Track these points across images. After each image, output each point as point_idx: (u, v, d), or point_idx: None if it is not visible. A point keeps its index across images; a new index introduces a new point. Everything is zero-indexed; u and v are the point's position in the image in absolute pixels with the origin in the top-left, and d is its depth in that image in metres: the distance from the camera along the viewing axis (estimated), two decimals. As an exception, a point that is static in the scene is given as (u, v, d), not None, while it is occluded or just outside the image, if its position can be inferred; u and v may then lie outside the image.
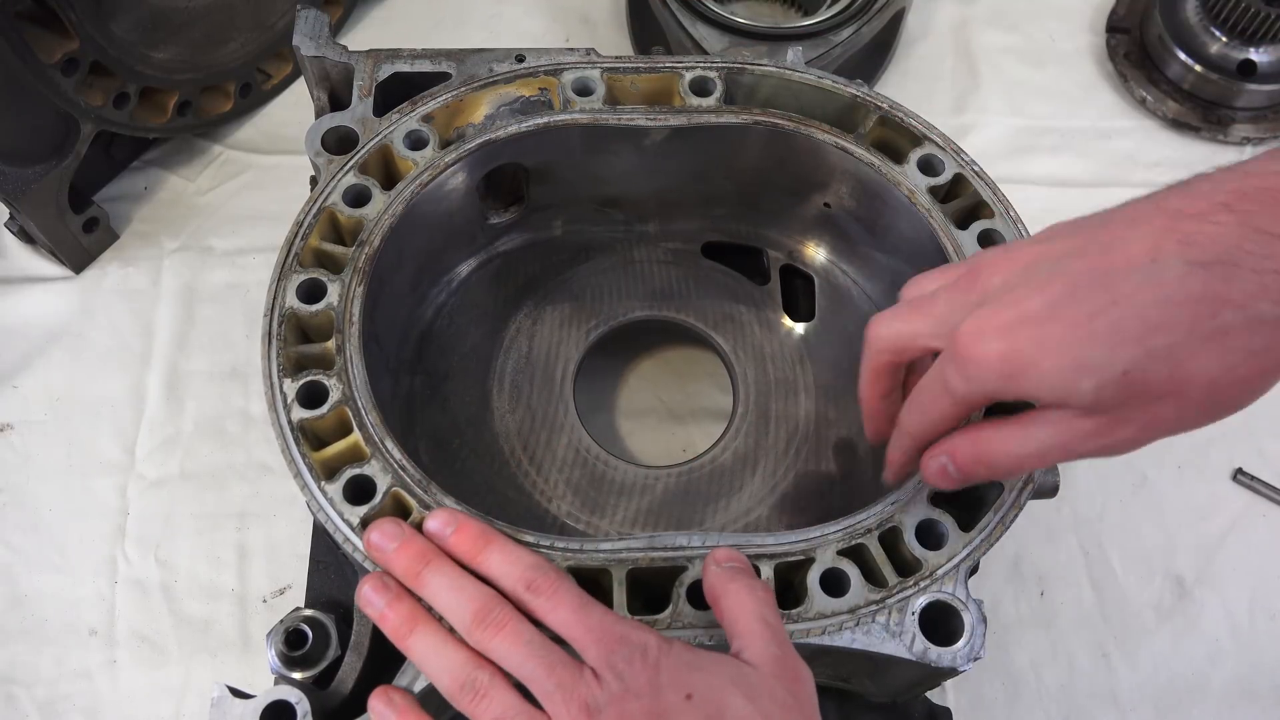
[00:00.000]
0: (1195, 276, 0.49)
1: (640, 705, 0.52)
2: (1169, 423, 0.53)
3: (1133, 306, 0.50)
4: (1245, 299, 0.49)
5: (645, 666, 0.54)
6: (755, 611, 0.58)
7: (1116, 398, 0.52)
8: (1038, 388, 0.54)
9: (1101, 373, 0.51)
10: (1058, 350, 0.52)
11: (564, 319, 0.89)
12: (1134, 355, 0.50)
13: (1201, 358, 0.50)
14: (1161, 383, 0.51)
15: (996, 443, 0.59)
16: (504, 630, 0.56)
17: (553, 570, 0.59)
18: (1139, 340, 0.50)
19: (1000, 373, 0.54)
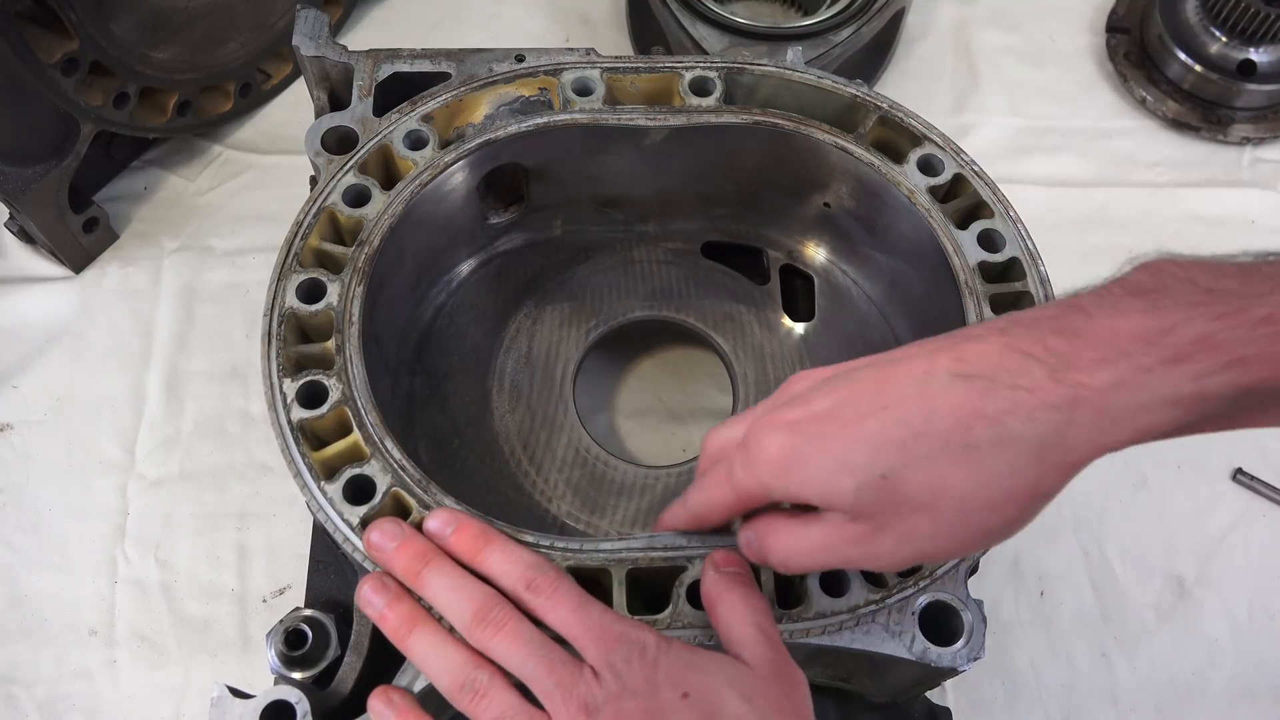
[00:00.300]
0: (957, 388, 0.50)
1: (637, 704, 0.53)
2: (925, 539, 0.52)
3: (900, 412, 0.51)
4: (997, 414, 0.49)
5: (643, 665, 0.54)
6: (751, 619, 0.58)
7: (876, 503, 0.52)
8: (804, 484, 0.54)
9: (862, 474, 0.51)
10: (827, 449, 0.52)
11: (564, 319, 0.89)
12: (894, 460, 0.51)
13: (954, 471, 0.50)
14: (917, 492, 0.51)
15: (777, 534, 0.58)
16: (504, 629, 0.56)
17: (553, 569, 0.59)
18: (901, 446, 0.51)
19: (776, 467, 0.54)
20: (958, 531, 0.52)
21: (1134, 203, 1.08)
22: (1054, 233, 0.82)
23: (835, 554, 0.55)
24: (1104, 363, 0.48)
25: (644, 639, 0.55)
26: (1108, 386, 0.48)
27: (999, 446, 0.49)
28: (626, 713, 0.52)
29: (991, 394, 0.50)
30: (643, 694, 0.53)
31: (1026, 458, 0.49)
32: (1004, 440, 0.49)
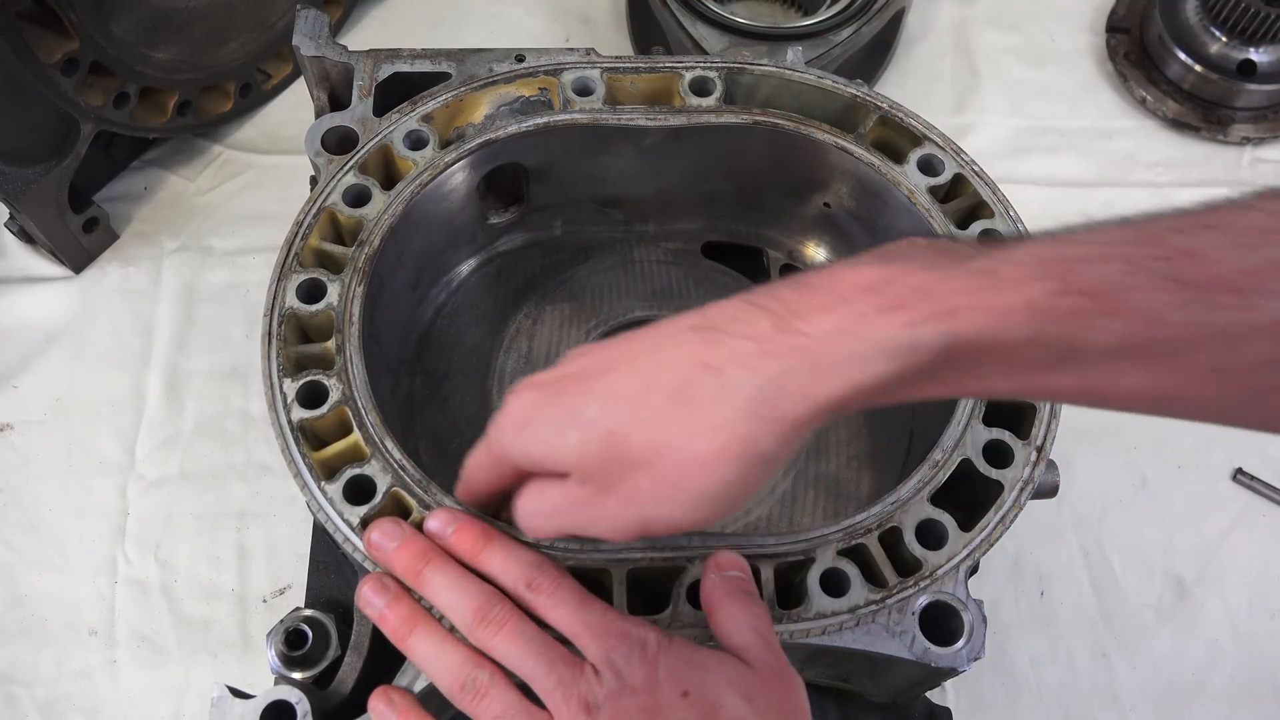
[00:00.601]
0: (689, 340, 0.50)
1: (636, 701, 0.52)
2: (647, 500, 0.51)
3: (632, 368, 0.51)
4: (720, 363, 0.48)
5: (643, 662, 0.54)
6: (750, 623, 0.58)
7: (602, 460, 0.51)
8: (534, 441, 0.53)
9: (588, 429, 0.51)
10: (560, 405, 0.52)
11: (564, 319, 0.89)
12: (622, 415, 0.50)
13: (674, 425, 0.49)
14: (640, 449, 0.50)
15: (522, 496, 0.57)
16: (505, 628, 0.56)
17: (553, 568, 0.59)
18: (630, 400, 0.50)
19: (514, 424, 0.54)
20: (678, 492, 0.50)
21: (1134, 203, 1.07)
22: (1054, 233, 0.82)
23: (568, 516, 0.54)
24: (825, 311, 0.48)
25: (645, 636, 0.55)
26: (825, 334, 0.47)
27: (718, 398, 0.48)
28: (626, 710, 0.52)
29: (717, 344, 0.49)
30: (642, 691, 0.53)
31: (742, 411, 0.48)
32: (724, 391, 0.48)
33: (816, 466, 0.84)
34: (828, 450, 0.84)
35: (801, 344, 0.47)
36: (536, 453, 0.54)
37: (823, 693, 0.74)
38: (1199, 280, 0.43)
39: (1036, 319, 0.45)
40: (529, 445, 0.54)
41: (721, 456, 0.49)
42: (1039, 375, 0.47)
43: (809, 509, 0.82)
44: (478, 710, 0.56)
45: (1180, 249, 0.44)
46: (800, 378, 0.47)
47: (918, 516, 0.65)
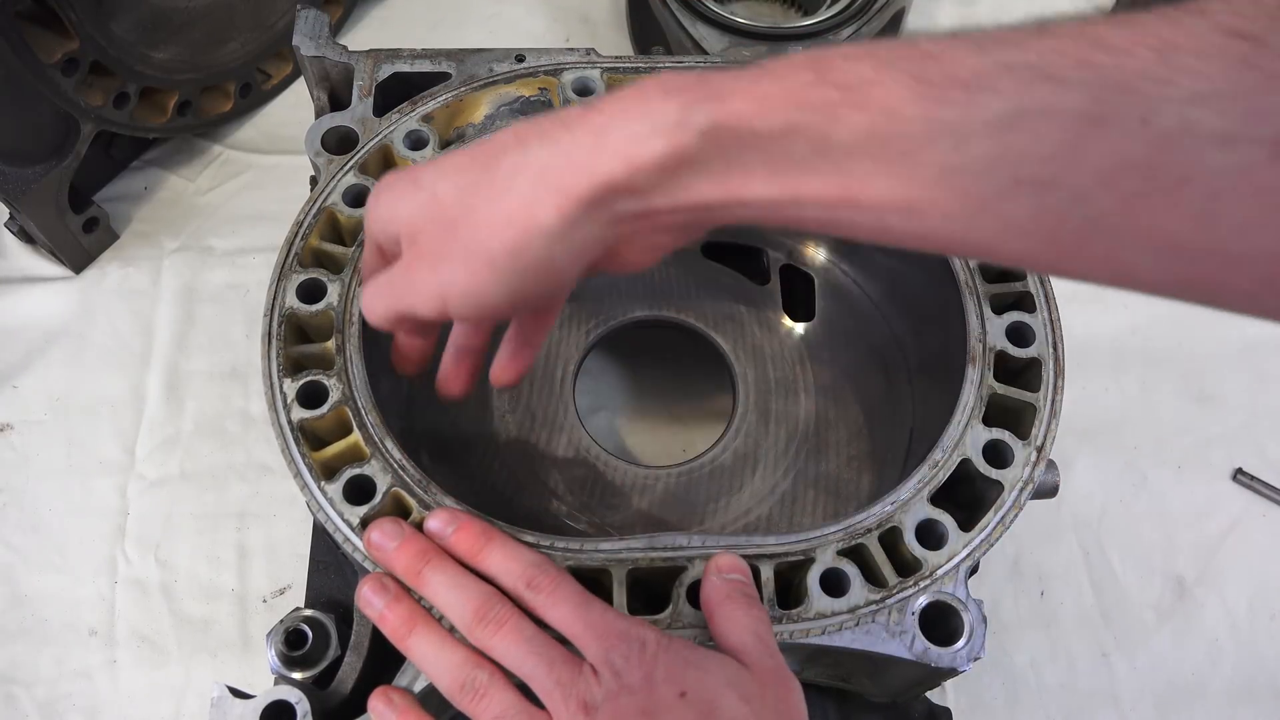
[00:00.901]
0: (519, 123, 0.54)
1: (634, 701, 0.52)
2: (447, 262, 0.54)
3: (473, 147, 0.56)
4: (526, 136, 0.53)
5: (642, 663, 0.54)
6: (750, 627, 0.58)
7: (423, 220, 0.55)
8: (381, 206, 0.58)
9: (419, 192, 0.55)
10: (409, 179, 0.57)
11: (564, 319, 0.89)
12: (447, 182, 0.54)
13: (480, 191, 0.53)
14: (453, 207, 0.53)
15: (365, 283, 0.62)
16: (504, 628, 0.56)
17: (553, 568, 0.59)
18: (456, 168, 0.55)
19: (374, 196, 0.59)
20: (470, 255, 0.53)
21: (1134, 203, 1.08)
22: (1054, 233, 0.82)
23: (390, 287, 0.58)
24: (620, 98, 0.51)
25: (644, 636, 0.55)
26: (612, 113, 0.50)
27: (516, 166, 0.52)
28: (624, 710, 0.52)
29: (535, 123, 0.53)
30: (641, 692, 0.53)
31: (530, 178, 0.51)
32: (521, 159, 0.52)
33: (816, 466, 0.84)
34: (828, 450, 0.84)
35: (592, 120, 0.51)
36: (383, 214, 0.58)
37: (823, 693, 0.74)
38: (934, 78, 0.44)
39: (791, 107, 0.46)
40: (379, 210, 0.58)
41: (506, 220, 0.52)
42: (796, 175, 0.47)
43: (809, 509, 0.82)
44: (477, 710, 0.56)
45: (927, 51, 0.45)
46: (583, 149, 0.50)
47: (918, 516, 0.65)
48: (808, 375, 0.88)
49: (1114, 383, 0.99)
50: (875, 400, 0.86)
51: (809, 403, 0.86)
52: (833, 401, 0.86)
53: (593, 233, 0.52)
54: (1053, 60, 0.42)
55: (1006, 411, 0.69)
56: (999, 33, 0.45)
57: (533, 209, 0.51)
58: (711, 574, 0.61)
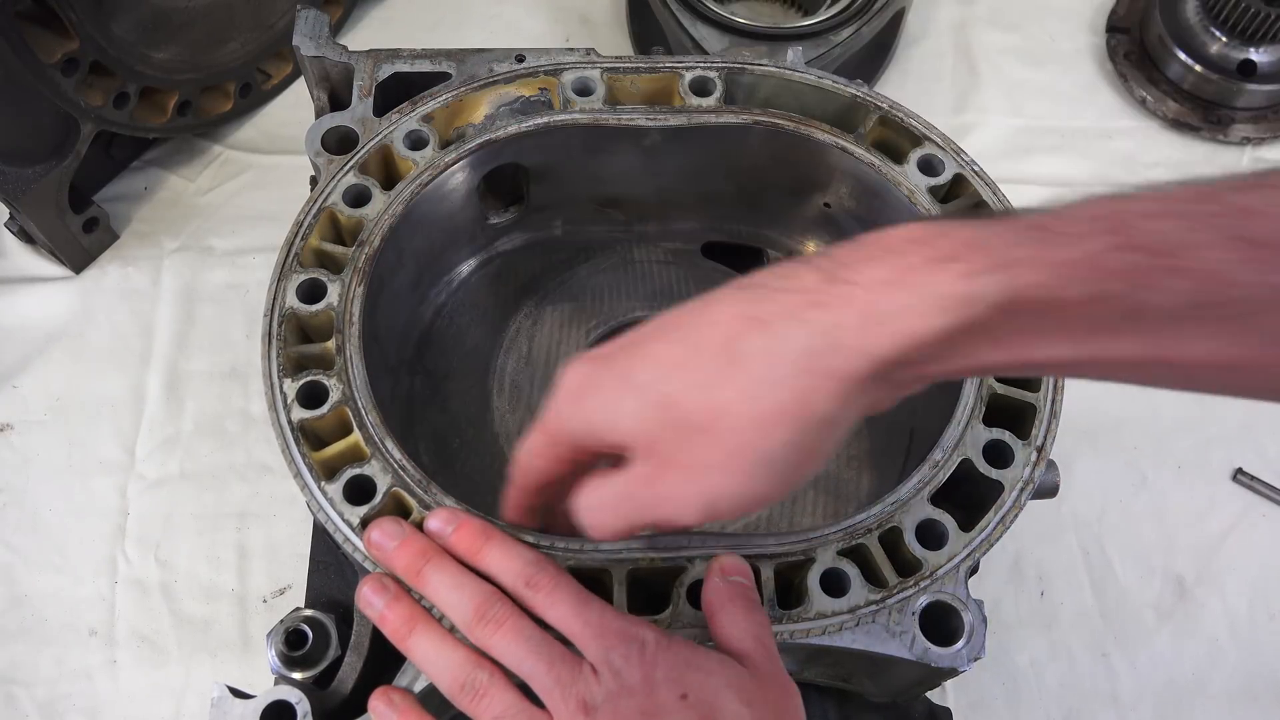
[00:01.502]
0: (734, 299, 0.50)
1: (634, 703, 0.52)
2: (709, 473, 0.49)
3: (683, 332, 0.51)
4: (768, 318, 0.47)
5: (642, 663, 0.54)
6: (751, 630, 0.57)
7: (658, 427, 0.50)
8: (591, 410, 0.53)
9: (643, 394, 0.50)
10: (615, 372, 0.52)
11: (564, 319, 0.89)
12: (675, 381, 0.49)
13: (727, 387, 0.48)
14: (695, 412, 0.48)
15: (583, 493, 0.56)
16: (504, 627, 0.56)
17: (552, 567, 0.59)
18: (681, 364, 0.49)
19: (570, 396, 0.54)
20: (738, 459, 0.48)
21: (1134, 203, 1.08)
22: (1054, 233, 0.82)
23: (633, 502, 0.53)
24: (873, 261, 0.46)
25: (644, 636, 0.55)
26: (875, 283, 0.46)
27: (768, 355, 0.47)
28: (624, 711, 0.52)
29: (764, 299, 0.48)
30: (640, 693, 0.53)
31: (793, 366, 0.46)
32: (773, 347, 0.47)
33: (816, 466, 0.84)
34: (828, 450, 0.84)
35: (851, 293, 0.46)
36: (596, 421, 0.53)
37: (823, 693, 0.74)
38: (1264, 238, 0.41)
39: (1098, 275, 0.42)
40: (588, 415, 0.53)
41: (778, 417, 0.47)
42: (1102, 339, 0.44)
43: (809, 509, 0.82)
44: (477, 710, 0.56)
45: (1240, 206, 0.42)
46: (852, 330, 0.46)
47: (918, 516, 0.65)
48: (808, 375, 0.87)
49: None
50: (875, 400, 0.86)
51: (809, 403, 0.86)
52: (833, 401, 0.86)
53: (865, 403, 0.48)
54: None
55: (1007, 411, 0.69)
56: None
57: (808, 400, 0.46)
58: (714, 575, 0.60)
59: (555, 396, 0.55)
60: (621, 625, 0.56)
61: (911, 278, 0.45)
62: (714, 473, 0.49)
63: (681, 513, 0.51)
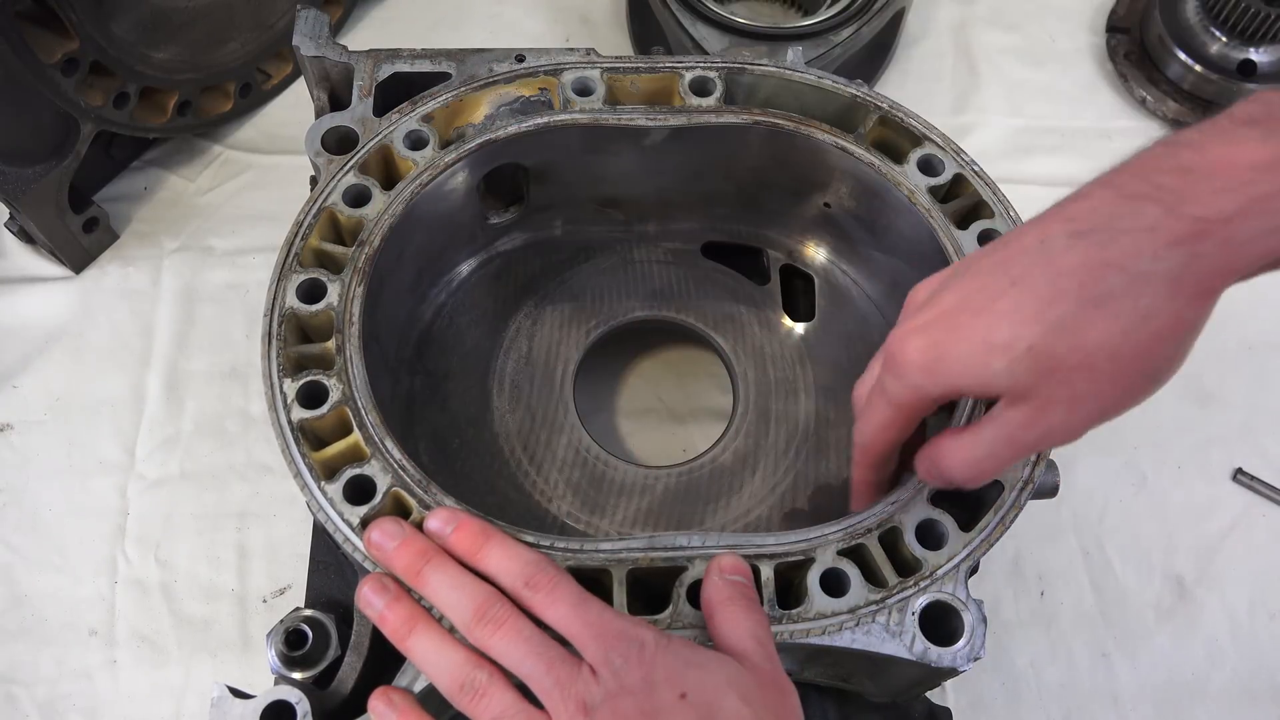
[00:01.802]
0: (1076, 247, 0.52)
1: (633, 702, 0.52)
2: (1091, 400, 0.53)
3: (1028, 285, 0.53)
4: (1124, 259, 0.51)
5: (641, 663, 0.54)
6: (750, 630, 0.58)
7: (1031, 376, 0.53)
8: (956, 376, 0.56)
9: (1009, 351, 0.53)
10: (967, 337, 0.54)
11: (564, 319, 0.89)
12: (1036, 331, 0.52)
13: (1097, 325, 0.51)
14: (1067, 354, 0.52)
15: (949, 451, 0.61)
16: (503, 627, 0.56)
17: (552, 567, 0.59)
18: (1038, 316, 0.52)
19: (922, 367, 0.57)
20: (1120, 383, 0.53)
21: (1134, 203, 1.08)
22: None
23: (1015, 445, 0.57)
24: (1221, 193, 0.49)
25: (643, 636, 0.55)
26: (1229, 217, 0.49)
27: (1132, 291, 0.51)
28: (623, 712, 0.52)
29: (1112, 243, 0.51)
30: (640, 692, 0.53)
31: (1162, 295, 0.50)
32: (1135, 284, 0.50)
33: (816, 466, 0.84)
34: (828, 450, 0.84)
35: (1204, 229, 0.50)
36: (962, 384, 0.56)
37: (823, 693, 0.74)
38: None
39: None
40: (951, 380, 0.56)
41: (1157, 340, 0.52)
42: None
43: (809, 509, 0.82)
44: (476, 710, 0.56)
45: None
46: (1211, 258, 0.50)
47: (918, 516, 0.65)
48: (808, 375, 0.88)
49: (1114, 383, 0.99)
50: (875, 400, 0.86)
51: (809, 403, 0.86)
52: (833, 401, 0.86)
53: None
54: None
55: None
56: None
57: (1179, 320, 0.51)
58: (714, 574, 0.61)
59: (902, 372, 0.58)
60: (621, 626, 0.56)
61: (1264, 207, 0.49)
62: (1097, 399, 0.53)
63: (1070, 438, 0.56)
